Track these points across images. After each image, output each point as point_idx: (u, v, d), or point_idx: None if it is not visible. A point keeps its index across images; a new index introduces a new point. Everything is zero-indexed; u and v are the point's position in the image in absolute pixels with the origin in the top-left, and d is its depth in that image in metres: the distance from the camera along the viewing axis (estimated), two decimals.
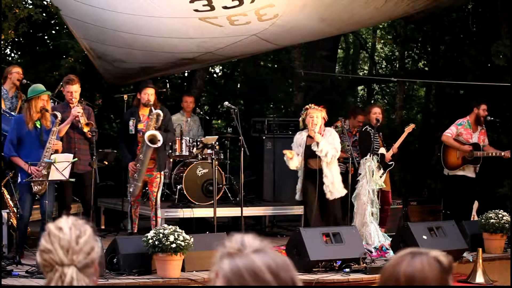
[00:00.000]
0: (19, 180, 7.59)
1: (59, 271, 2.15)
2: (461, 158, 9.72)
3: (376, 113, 9.49)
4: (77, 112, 8.03)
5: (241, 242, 1.99)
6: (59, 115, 7.72)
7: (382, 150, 9.41)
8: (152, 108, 8.46)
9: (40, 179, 7.45)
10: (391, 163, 9.47)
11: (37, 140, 7.59)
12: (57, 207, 8.52)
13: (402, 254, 2.14)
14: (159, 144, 8.31)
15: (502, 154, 9.64)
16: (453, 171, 9.80)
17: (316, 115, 8.76)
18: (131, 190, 8.57)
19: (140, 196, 8.74)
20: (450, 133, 9.76)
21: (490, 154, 9.69)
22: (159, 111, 8.40)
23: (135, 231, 8.70)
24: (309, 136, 8.79)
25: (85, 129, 8.04)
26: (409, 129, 9.53)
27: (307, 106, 8.94)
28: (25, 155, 7.57)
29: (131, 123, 8.58)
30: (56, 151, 7.65)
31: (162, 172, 8.69)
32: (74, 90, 8.13)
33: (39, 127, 7.62)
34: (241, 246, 1.98)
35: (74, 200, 8.96)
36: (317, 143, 8.68)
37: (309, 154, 8.78)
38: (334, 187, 8.74)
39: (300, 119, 8.96)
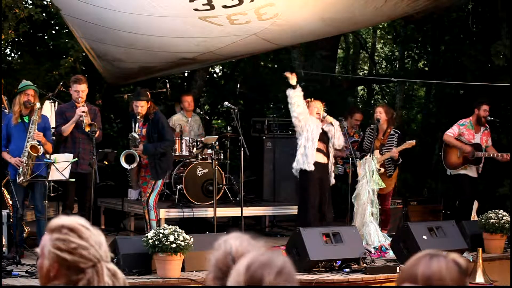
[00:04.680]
0: (9, 175, 7.66)
1: (101, 265, 2.18)
2: (462, 157, 9.70)
3: (377, 112, 9.48)
4: (81, 112, 8.03)
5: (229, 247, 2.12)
6: (38, 104, 7.76)
7: (375, 153, 9.35)
8: (136, 126, 8.43)
9: (22, 169, 7.52)
10: (378, 168, 9.36)
11: (24, 135, 7.65)
12: (55, 206, 8.54)
13: (420, 256, 2.16)
14: (134, 165, 8.30)
15: (501, 156, 9.58)
16: (455, 170, 9.77)
17: (319, 106, 8.79)
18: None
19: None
20: (451, 132, 9.74)
21: (491, 155, 9.66)
22: (135, 135, 8.35)
23: None
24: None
25: (87, 129, 8.04)
26: (408, 144, 9.38)
27: (309, 100, 8.88)
28: (13, 149, 7.69)
29: (133, 125, 8.58)
30: (40, 142, 7.68)
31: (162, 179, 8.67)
32: (81, 89, 8.13)
33: (26, 121, 7.69)
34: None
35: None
36: (331, 123, 8.75)
37: (323, 139, 8.76)
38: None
39: None
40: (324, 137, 8.76)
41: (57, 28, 12.85)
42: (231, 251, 2.20)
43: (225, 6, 8.33)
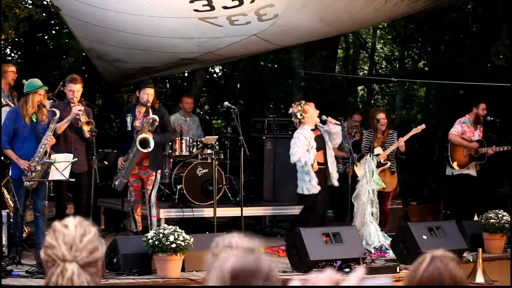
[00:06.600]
0: (10, 173, 7.61)
1: (61, 266, 2.19)
2: (468, 155, 9.72)
3: (381, 118, 9.48)
4: (77, 110, 8.02)
5: (228, 243, 2.10)
6: (57, 112, 7.66)
7: (378, 150, 9.40)
8: (150, 110, 8.43)
9: (31, 174, 7.45)
10: (385, 162, 9.40)
11: (32, 134, 7.59)
12: (54, 206, 8.54)
13: (426, 259, 2.19)
14: (149, 149, 8.30)
15: (502, 148, 9.65)
16: (460, 170, 9.75)
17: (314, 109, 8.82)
18: (116, 183, 8.64)
19: (140, 196, 8.73)
20: (456, 131, 9.75)
21: (495, 150, 9.65)
22: (155, 117, 8.35)
23: (140, 229, 8.69)
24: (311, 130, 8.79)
25: (85, 128, 8.02)
26: (417, 129, 9.45)
27: (305, 105, 8.84)
28: (17, 147, 7.58)
29: (128, 119, 8.58)
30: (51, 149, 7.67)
31: (159, 171, 8.67)
32: (76, 89, 8.13)
33: (34, 121, 7.62)
34: (228, 245, 2.08)
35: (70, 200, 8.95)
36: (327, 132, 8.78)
37: (319, 145, 8.78)
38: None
39: (299, 115, 8.81)
40: (320, 143, 8.76)
41: (57, 28, 12.86)
42: (229, 269, 2.23)
43: (225, 7, 8.33)
